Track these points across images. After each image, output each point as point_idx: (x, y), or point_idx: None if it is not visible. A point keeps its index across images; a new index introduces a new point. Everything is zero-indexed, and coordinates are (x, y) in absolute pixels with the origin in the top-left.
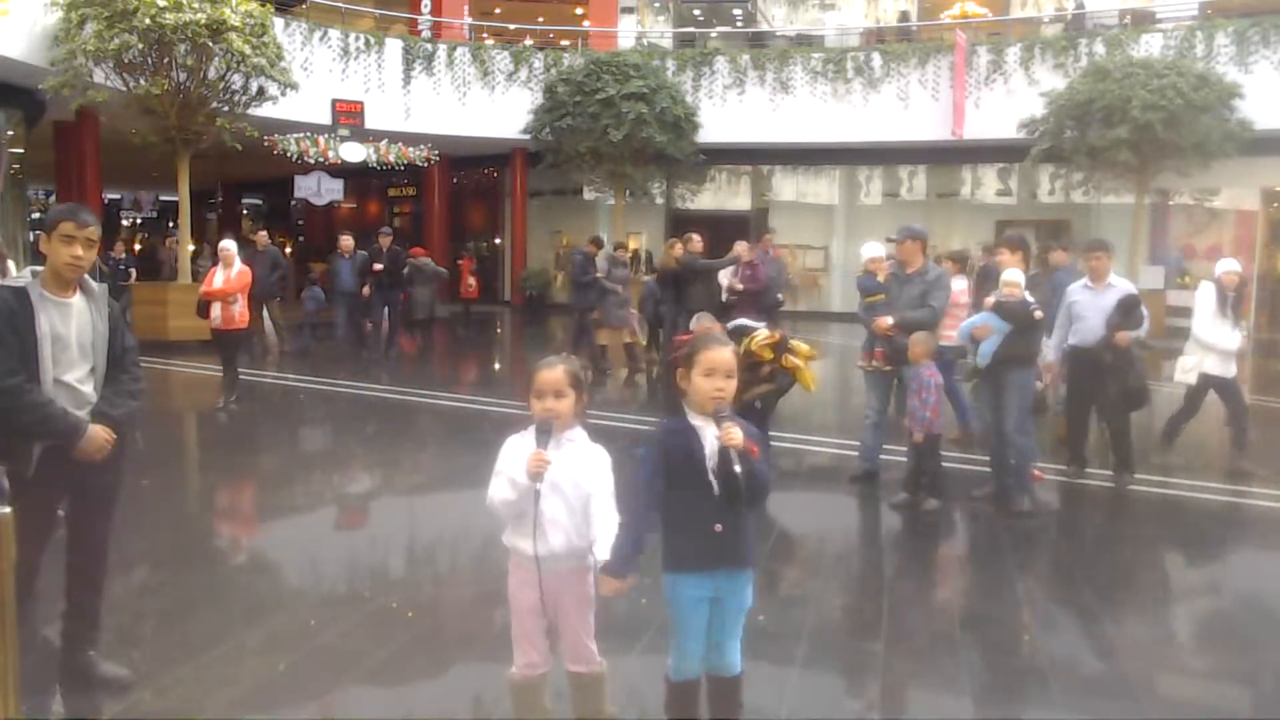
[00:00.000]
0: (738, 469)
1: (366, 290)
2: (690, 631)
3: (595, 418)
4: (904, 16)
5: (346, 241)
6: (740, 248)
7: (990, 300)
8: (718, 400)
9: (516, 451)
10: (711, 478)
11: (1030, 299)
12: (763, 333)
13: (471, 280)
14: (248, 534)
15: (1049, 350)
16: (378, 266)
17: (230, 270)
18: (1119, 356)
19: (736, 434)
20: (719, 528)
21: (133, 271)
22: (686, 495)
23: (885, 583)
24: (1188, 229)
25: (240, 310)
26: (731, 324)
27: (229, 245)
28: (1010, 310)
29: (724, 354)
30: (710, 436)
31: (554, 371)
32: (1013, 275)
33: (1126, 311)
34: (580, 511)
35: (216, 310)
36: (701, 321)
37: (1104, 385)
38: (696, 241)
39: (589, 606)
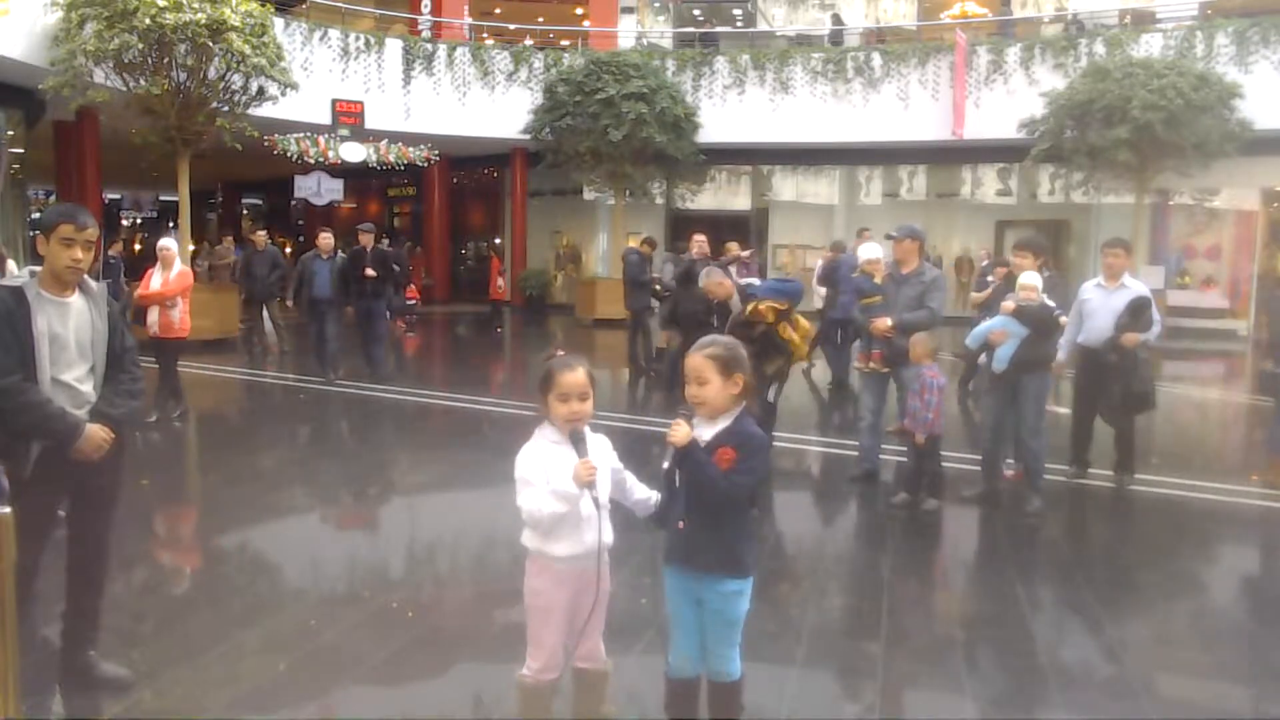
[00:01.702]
0: (664, 465)
1: (350, 307)
2: (676, 625)
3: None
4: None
5: (326, 240)
6: (733, 248)
7: (1009, 305)
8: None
9: (545, 461)
10: (675, 477)
11: (1050, 303)
12: (769, 300)
13: (500, 281)
14: (247, 534)
15: (1060, 350)
16: (370, 272)
17: (169, 272)
18: (1125, 358)
19: (677, 432)
20: (680, 525)
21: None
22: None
23: (885, 583)
24: (1188, 229)
25: (181, 316)
26: (744, 281)
27: (169, 244)
28: (1031, 315)
29: (693, 359)
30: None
31: (577, 373)
32: (1030, 279)
33: (1136, 313)
34: (606, 506)
35: (154, 315)
36: (711, 275)
37: (1109, 386)
38: (696, 243)
39: (605, 604)
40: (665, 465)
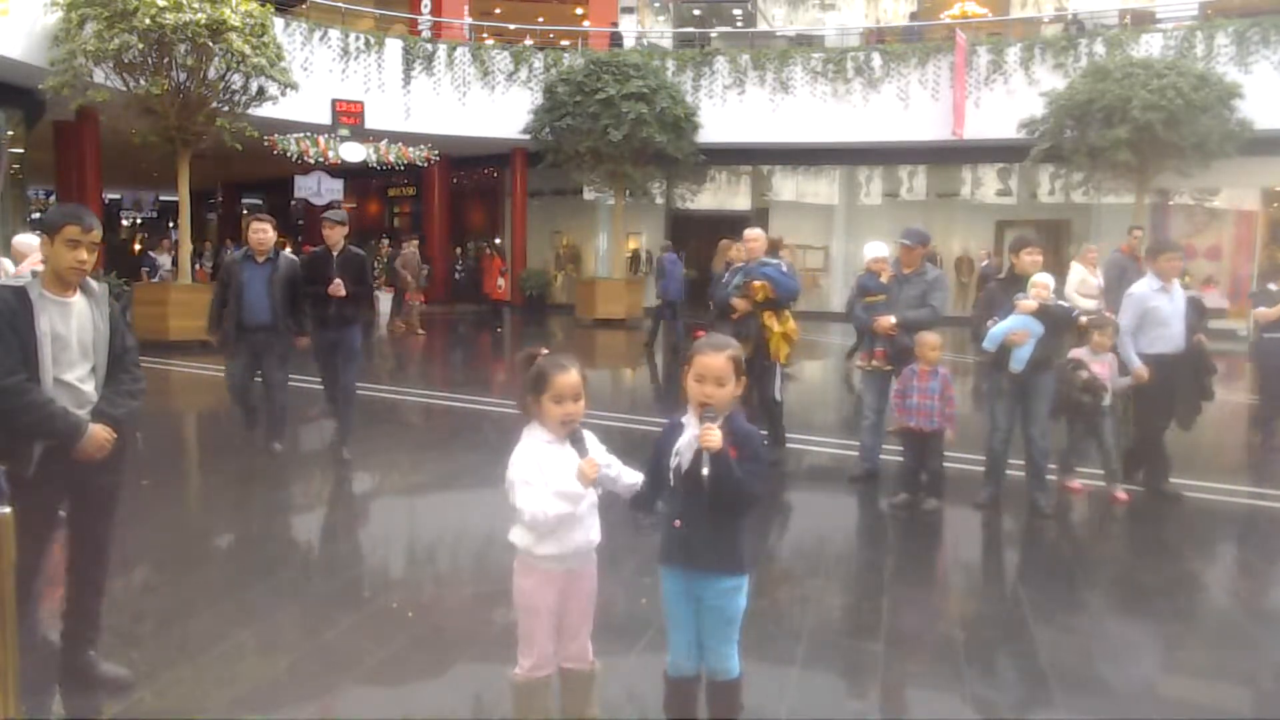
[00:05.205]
0: (705, 471)
1: (305, 339)
2: (674, 625)
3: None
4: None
5: (262, 234)
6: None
7: (1031, 304)
8: (705, 404)
9: (544, 461)
10: (670, 474)
11: (1065, 303)
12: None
13: (501, 281)
14: (248, 534)
15: (1132, 358)
16: (338, 288)
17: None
18: (1200, 358)
19: (713, 437)
20: (678, 523)
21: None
22: (665, 489)
23: (885, 583)
24: (1188, 229)
25: None
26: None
27: (26, 240)
28: (1054, 315)
29: (715, 360)
30: (690, 435)
31: (571, 375)
32: (1044, 278)
33: (1201, 313)
34: (596, 503)
35: None
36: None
37: (1184, 390)
38: (719, 248)
39: (594, 603)
40: (705, 471)
